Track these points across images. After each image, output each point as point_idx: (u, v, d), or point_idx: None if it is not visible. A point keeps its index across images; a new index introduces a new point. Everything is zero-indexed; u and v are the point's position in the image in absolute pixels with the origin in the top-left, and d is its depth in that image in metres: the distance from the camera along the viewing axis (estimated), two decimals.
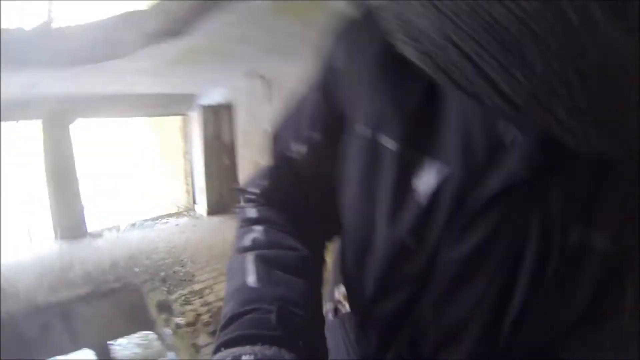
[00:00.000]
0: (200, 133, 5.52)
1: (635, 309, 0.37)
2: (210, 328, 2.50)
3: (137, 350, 3.42)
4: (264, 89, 4.02)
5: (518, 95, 0.25)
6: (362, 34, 0.43)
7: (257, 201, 0.56)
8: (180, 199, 6.06)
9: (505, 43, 0.23)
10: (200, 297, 2.96)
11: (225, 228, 4.79)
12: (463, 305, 0.41)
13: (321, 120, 0.50)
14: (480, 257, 0.38)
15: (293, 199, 0.55)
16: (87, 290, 3.17)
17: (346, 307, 0.60)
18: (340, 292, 0.62)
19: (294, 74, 3.57)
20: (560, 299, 0.38)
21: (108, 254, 3.84)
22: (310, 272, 0.47)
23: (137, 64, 3.01)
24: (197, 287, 3.14)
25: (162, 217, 5.66)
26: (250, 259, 0.44)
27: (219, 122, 5.68)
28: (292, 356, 0.34)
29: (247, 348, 0.33)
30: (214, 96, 5.11)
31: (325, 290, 0.55)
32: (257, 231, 0.49)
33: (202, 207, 5.63)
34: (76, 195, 4.58)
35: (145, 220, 5.39)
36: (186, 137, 6.01)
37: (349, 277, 0.53)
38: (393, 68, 0.40)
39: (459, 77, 0.27)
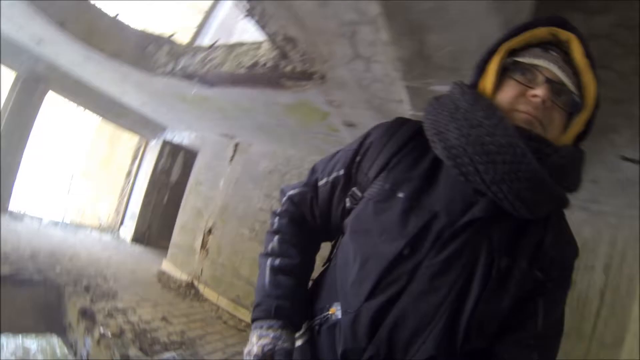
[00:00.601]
0: (152, 163, 5.77)
1: (544, 321, 0.66)
2: (137, 345, 2.69)
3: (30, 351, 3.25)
4: (230, 151, 4.61)
5: (487, 178, 0.59)
6: (399, 128, 0.76)
7: (285, 205, 0.85)
8: (106, 216, 5.98)
9: (484, 147, 0.60)
10: (124, 315, 3.11)
11: (148, 260, 4.90)
12: (433, 301, 0.62)
13: (346, 167, 0.77)
14: (449, 266, 0.62)
15: (307, 209, 0.83)
16: (5, 272, 3.12)
17: (332, 319, 0.72)
18: (329, 308, 0.75)
19: (262, 150, 4.30)
20: (496, 303, 0.62)
21: (27, 242, 3.77)
22: (299, 273, 0.79)
23: (142, 77, 3.39)
24: (120, 304, 3.28)
25: (86, 226, 5.53)
26: (268, 264, 0.77)
27: (174, 160, 6.02)
28: (279, 324, 0.71)
29: (264, 322, 0.71)
30: (182, 136, 5.53)
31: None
32: (274, 241, 0.80)
33: (128, 232, 5.65)
34: (15, 165, 4.41)
35: (68, 224, 5.24)
36: (136, 159, 6.17)
37: (348, 280, 0.70)
38: (411, 150, 0.72)
39: (460, 164, 0.61)
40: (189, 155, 5.80)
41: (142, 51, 3.25)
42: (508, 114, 0.65)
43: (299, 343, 0.77)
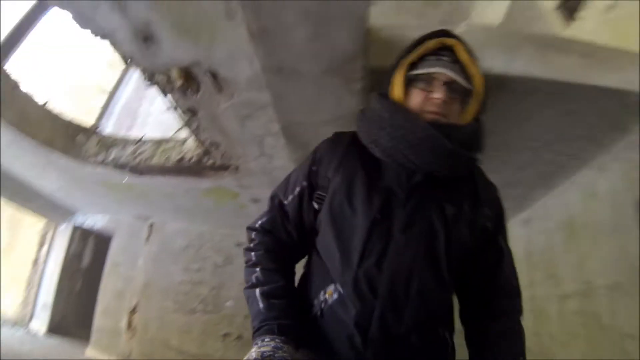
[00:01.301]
0: (63, 248, 5.58)
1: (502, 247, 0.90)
2: None
3: None
4: (146, 232, 4.87)
5: (417, 162, 0.82)
6: (339, 139, 0.95)
7: (257, 238, 0.93)
8: (10, 309, 5.52)
9: (410, 143, 0.82)
10: None
11: (68, 351, 4.73)
12: (412, 249, 0.81)
13: (307, 178, 0.93)
14: (413, 220, 0.82)
15: (280, 230, 0.93)
16: None
17: (332, 299, 0.84)
18: (325, 292, 0.86)
19: (176, 228, 4.67)
20: (458, 236, 0.84)
21: None
22: (288, 293, 0.87)
23: (69, 164, 3.52)
24: None
25: None
26: (258, 292, 0.84)
27: (85, 244, 5.91)
28: (281, 339, 0.76)
29: (267, 336, 0.76)
30: (94, 219, 5.50)
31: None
32: (257, 272, 0.87)
33: (41, 323, 5.30)
34: None
35: None
36: (44, 245, 5.91)
37: (336, 261, 0.84)
38: (354, 151, 0.90)
39: (395, 158, 0.84)
40: (99, 239, 5.79)
41: (72, 140, 3.53)
42: (419, 115, 0.86)
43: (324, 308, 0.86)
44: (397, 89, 0.90)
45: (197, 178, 3.03)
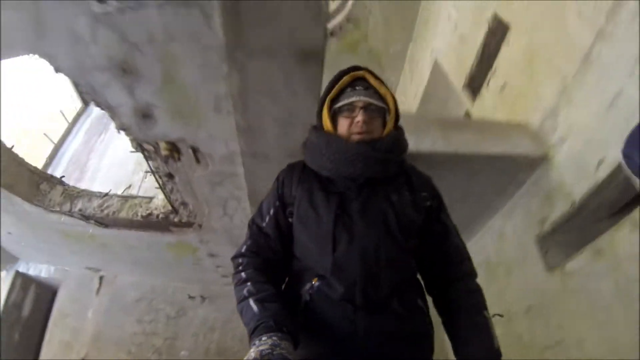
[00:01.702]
0: (3, 296, 5.30)
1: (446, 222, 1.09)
2: None
3: None
4: (96, 284, 4.87)
5: (356, 173, 1.01)
6: (294, 166, 1.12)
7: (245, 260, 1.03)
8: None
9: (347, 162, 1.01)
10: None
11: None
12: (372, 230, 0.97)
13: (278, 199, 1.07)
14: (367, 207, 0.98)
15: (266, 250, 1.05)
16: None
17: (317, 284, 0.99)
18: (310, 282, 1.02)
19: (128, 281, 4.75)
20: (405, 213, 1.01)
21: None
22: (280, 298, 0.94)
23: (33, 212, 3.50)
24: None
25: None
26: (252, 300, 0.90)
27: (25, 293, 5.62)
28: (278, 336, 0.80)
29: (264, 335, 0.80)
30: (38, 269, 5.32)
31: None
32: (248, 286, 0.95)
33: None
34: None
35: None
36: None
37: (314, 255, 1.00)
38: (307, 173, 1.07)
39: (340, 174, 1.03)
40: (41, 288, 5.52)
41: (37, 188, 3.58)
42: (348, 138, 1.02)
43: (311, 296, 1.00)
44: (326, 122, 1.06)
45: (162, 233, 3.25)
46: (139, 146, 2.28)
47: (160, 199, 3.20)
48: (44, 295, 5.24)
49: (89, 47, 1.47)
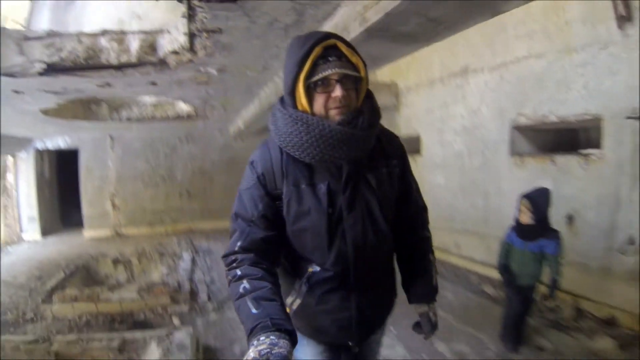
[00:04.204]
0: (32, 171, 7.12)
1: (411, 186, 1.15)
2: None
3: None
4: (109, 142, 6.94)
5: (339, 156, 0.94)
6: (269, 153, 1.01)
7: (239, 257, 0.96)
8: None
9: (328, 145, 0.91)
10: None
11: (66, 242, 6.70)
12: (360, 217, 1.00)
13: (265, 189, 1.00)
14: (354, 199, 1.00)
15: (258, 243, 0.98)
16: None
17: (314, 270, 1.03)
18: (306, 270, 1.04)
19: (132, 137, 6.91)
20: (384, 193, 1.03)
21: None
22: (277, 296, 0.90)
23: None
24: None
25: None
26: (248, 299, 0.86)
27: (44, 163, 7.52)
28: (276, 335, 0.76)
29: (262, 335, 0.76)
30: (57, 142, 7.04)
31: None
32: (244, 283, 0.90)
33: (34, 232, 7.03)
34: None
35: None
36: (6, 173, 7.20)
37: (310, 248, 1.02)
38: (287, 160, 0.99)
39: (323, 161, 0.96)
40: (53, 156, 7.60)
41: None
42: (327, 115, 0.94)
43: (294, 307, 1.06)
44: (302, 100, 0.94)
45: None
46: None
47: None
48: (61, 160, 7.40)
49: None
